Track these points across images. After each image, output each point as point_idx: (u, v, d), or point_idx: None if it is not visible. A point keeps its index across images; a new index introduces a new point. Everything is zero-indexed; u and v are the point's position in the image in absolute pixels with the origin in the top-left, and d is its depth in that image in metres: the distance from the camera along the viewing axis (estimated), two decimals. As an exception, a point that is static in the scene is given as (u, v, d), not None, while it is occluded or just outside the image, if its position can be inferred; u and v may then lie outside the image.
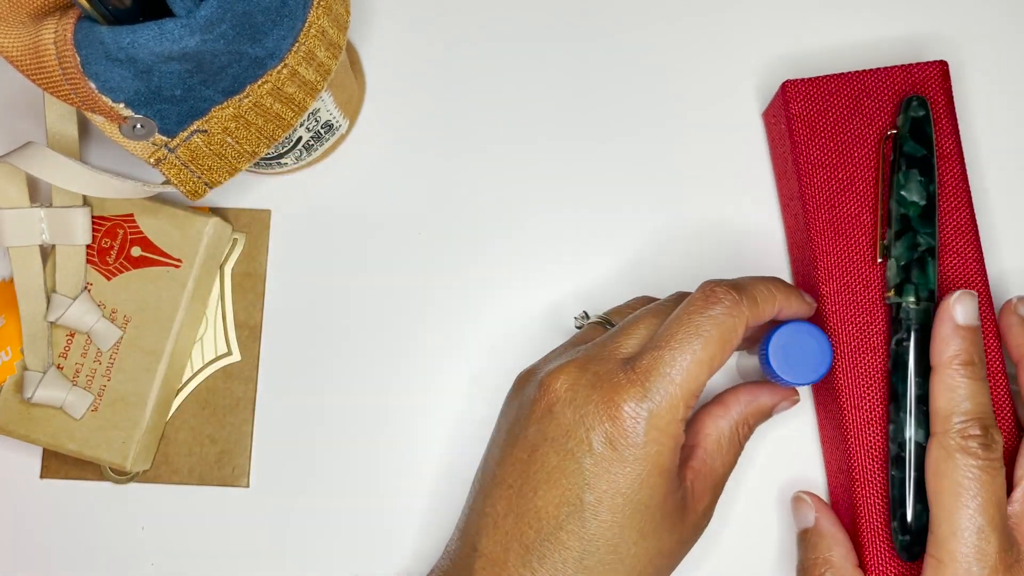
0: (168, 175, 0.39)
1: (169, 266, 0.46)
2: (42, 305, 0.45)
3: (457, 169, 0.49)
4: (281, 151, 0.45)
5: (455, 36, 0.51)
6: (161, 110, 0.37)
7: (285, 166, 0.48)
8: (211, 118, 0.38)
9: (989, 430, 0.38)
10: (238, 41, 0.35)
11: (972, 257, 0.43)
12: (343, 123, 0.48)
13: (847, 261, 0.44)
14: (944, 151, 0.44)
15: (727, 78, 0.50)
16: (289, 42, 0.38)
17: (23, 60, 0.35)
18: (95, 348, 0.45)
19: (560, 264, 0.48)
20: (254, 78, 0.38)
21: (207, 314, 0.48)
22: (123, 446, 0.44)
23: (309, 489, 0.47)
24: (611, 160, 0.49)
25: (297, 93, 0.39)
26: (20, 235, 0.45)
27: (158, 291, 0.45)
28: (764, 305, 0.39)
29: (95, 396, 0.45)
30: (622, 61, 0.50)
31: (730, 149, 0.49)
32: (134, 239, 0.46)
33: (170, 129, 0.38)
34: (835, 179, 0.44)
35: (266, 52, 0.37)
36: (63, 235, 0.45)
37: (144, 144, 0.38)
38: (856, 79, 0.45)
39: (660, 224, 0.49)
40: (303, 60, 0.38)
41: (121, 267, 0.46)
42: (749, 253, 0.48)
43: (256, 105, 0.38)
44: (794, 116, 0.45)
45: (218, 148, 0.39)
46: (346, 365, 0.48)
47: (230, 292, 0.48)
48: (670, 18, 0.50)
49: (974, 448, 0.38)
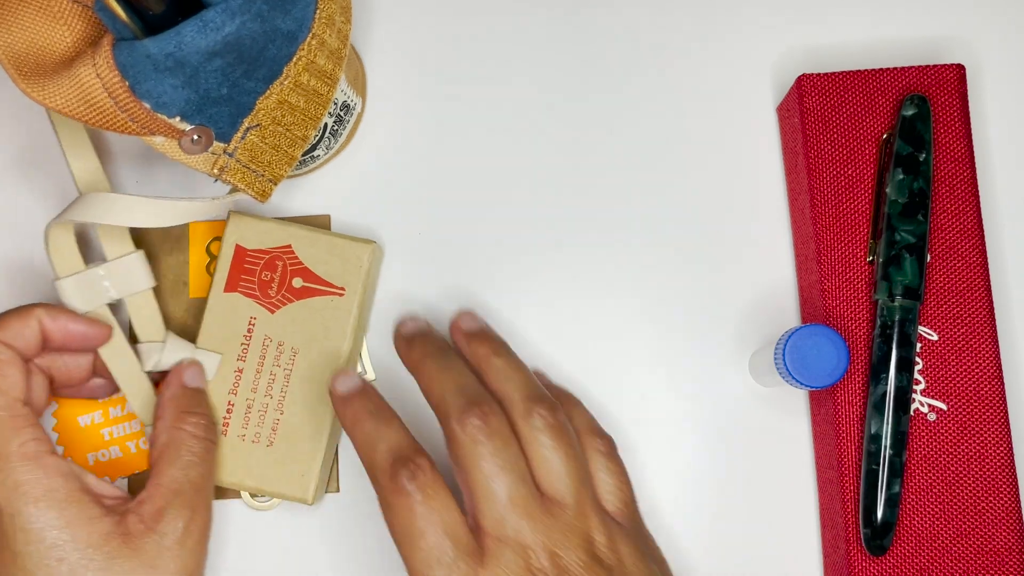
0: (233, 181, 0.39)
1: (333, 295, 0.45)
2: (132, 359, 0.44)
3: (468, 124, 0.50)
4: (314, 142, 0.46)
5: (448, 8, 0.51)
6: (213, 115, 0.37)
7: (318, 159, 0.48)
8: (259, 111, 0.38)
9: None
10: (272, 16, 0.36)
11: (976, 261, 0.43)
12: (357, 101, 0.48)
13: (849, 258, 0.44)
14: (956, 154, 0.44)
15: (745, 71, 0.50)
16: (312, 8, 0.38)
17: (73, 107, 0.35)
18: (266, 382, 0.44)
19: (565, 250, 0.49)
20: (289, 56, 0.38)
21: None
22: (303, 479, 0.44)
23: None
24: (621, 148, 0.50)
25: (327, 64, 0.40)
26: (88, 300, 0.43)
27: (324, 321, 0.45)
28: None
29: (270, 431, 0.44)
30: (636, 50, 0.50)
31: (744, 142, 0.49)
32: (294, 270, 0.45)
33: (225, 133, 0.38)
34: (843, 176, 0.45)
35: (296, 23, 0.37)
36: (127, 286, 0.44)
37: (205, 156, 0.38)
38: (871, 77, 0.45)
39: (670, 212, 0.49)
40: (326, 26, 0.39)
41: (284, 299, 0.45)
42: (755, 246, 0.48)
43: (296, 85, 0.39)
44: (807, 110, 0.45)
45: (272, 140, 0.39)
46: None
47: None
48: (689, 7, 0.51)
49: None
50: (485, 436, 0.37)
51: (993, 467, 0.42)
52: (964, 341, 0.43)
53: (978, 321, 0.43)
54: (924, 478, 0.42)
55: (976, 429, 0.42)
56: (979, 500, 0.42)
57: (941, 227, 0.44)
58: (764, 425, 0.47)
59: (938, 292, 0.43)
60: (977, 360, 0.43)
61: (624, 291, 0.48)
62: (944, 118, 0.45)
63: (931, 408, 0.43)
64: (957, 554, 0.42)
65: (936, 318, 0.43)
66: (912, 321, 0.42)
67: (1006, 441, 0.42)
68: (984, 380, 0.43)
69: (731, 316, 0.48)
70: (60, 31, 0.36)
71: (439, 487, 0.37)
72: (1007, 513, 0.42)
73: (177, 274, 0.48)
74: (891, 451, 0.41)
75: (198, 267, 0.48)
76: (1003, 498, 0.42)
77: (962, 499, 0.42)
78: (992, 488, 0.42)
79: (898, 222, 0.43)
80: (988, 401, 0.43)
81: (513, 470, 0.37)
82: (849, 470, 0.42)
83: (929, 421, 0.43)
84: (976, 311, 0.43)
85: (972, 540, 0.42)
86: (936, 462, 0.42)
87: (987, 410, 0.42)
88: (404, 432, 0.38)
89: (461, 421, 0.37)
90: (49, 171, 0.49)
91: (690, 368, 0.47)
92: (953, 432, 0.42)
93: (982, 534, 0.42)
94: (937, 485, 0.42)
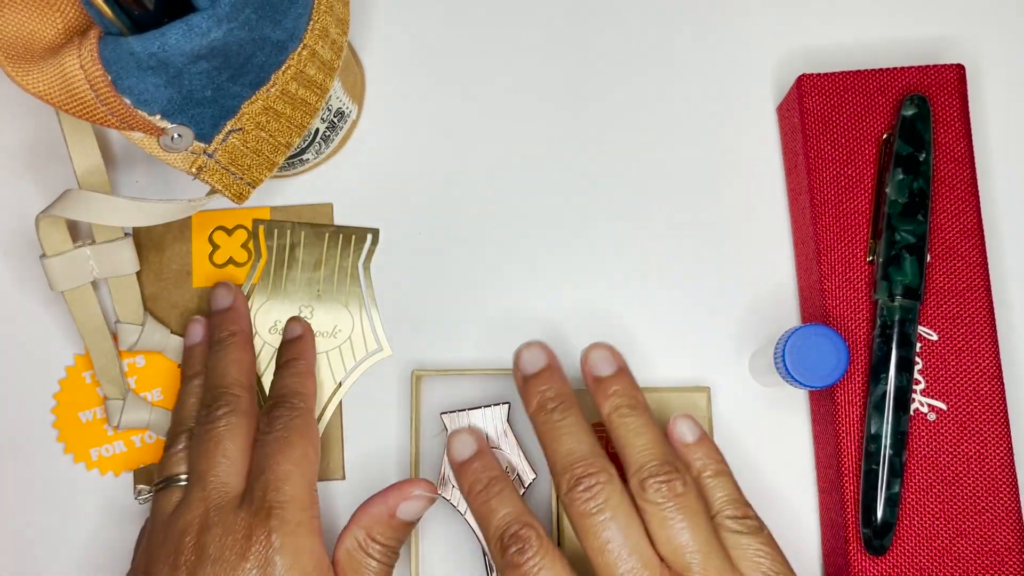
0: (211, 182, 0.40)
1: None
2: (107, 338, 0.46)
3: (470, 130, 0.50)
4: (303, 145, 0.46)
5: (451, 11, 0.51)
6: (195, 115, 0.37)
7: (307, 162, 0.48)
8: (243, 115, 0.39)
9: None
10: (261, 25, 0.36)
11: (976, 261, 0.43)
12: (352, 109, 0.48)
13: (849, 258, 0.44)
14: (956, 155, 0.44)
15: (745, 71, 0.50)
16: (305, 20, 0.38)
17: (53, 95, 0.35)
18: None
19: (565, 250, 0.49)
20: (277, 65, 0.38)
21: (352, 313, 0.48)
22: None
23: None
24: (621, 148, 0.50)
25: (317, 75, 0.40)
26: (71, 277, 0.44)
27: None
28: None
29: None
30: (636, 51, 0.50)
31: (744, 142, 0.49)
32: None
33: (206, 134, 0.38)
34: (843, 175, 0.45)
35: (286, 34, 0.37)
36: (112, 268, 0.46)
37: (184, 155, 0.39)
38: (872, 77, 0.45)
39: (670, 212, 0.49)
40: (319, 38, 0.39)
41: None
42: (755, 246, 0.48)
43: (283, 93, 0.39)
44: (807, 110, 0.45)
45: (254, 144, 0.39)
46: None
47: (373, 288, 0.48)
48: (689, 8, 0.51)
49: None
50: (596, 508, 0.36)
51: (993, 467, 0.42)
52: (964, 341, 0.43)
53: (978, 321, 0.43)
54: (924, 478, 0.42)
55: (976, 429, 0.42)
56: (979, 500, 0.42)
57: (941, 227, 0.44)
58: (764, 425, 0.47)
59: (938, 292, 0.43)
60: (977, 360, 0.43)
61: (624, 290, 0.48)
62: (944, 118, 0.45)
63: (931, 408, 0.43)
64: (957, 554, 0.42)
65: (936, 318, 0.43)
66: (912, 321, 0.42)
67: (1006, 441, 0.42)
68: (984, 380, 0.43)
69: (731, 316, 0.48)
70: (52, 17, 0.36)
71: (549, 559, 0.36)
72: (1007, 513, 0.42)
73: (181, 264, 0.48)
74: (891, 451, 0.41)
75: (201, 257, 0.48)
76: (1003, 498, 0.42)
77: (962, 499, 0.42)
78: (992, 488, 0.42)
79: (898, 222, 0.43)
80: (988, 401, 0.43)
81: (625, 544, 0.36)
82: (849, 470, 0.42)
83: (929, 421, 0.43)
84: (976, 311, 0.43)
85: (972, 540, 0.42)
86: (936, 462, 0.42)
87: (987, 410, 0.42)
88: (513, 502, 0.38)
89: (571, 493, 0.37)
90: (56, 164, 0.50)
91: (690, 368, 0.47)
92: (953, 432, 0.42)
93: (982, 534, 0.42)
94: (937, 485, 0.42)
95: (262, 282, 0.48)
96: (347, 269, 0.48)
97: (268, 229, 0.48)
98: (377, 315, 0.48)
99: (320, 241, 0.48)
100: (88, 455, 0.47)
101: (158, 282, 0.48)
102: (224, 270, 0.48)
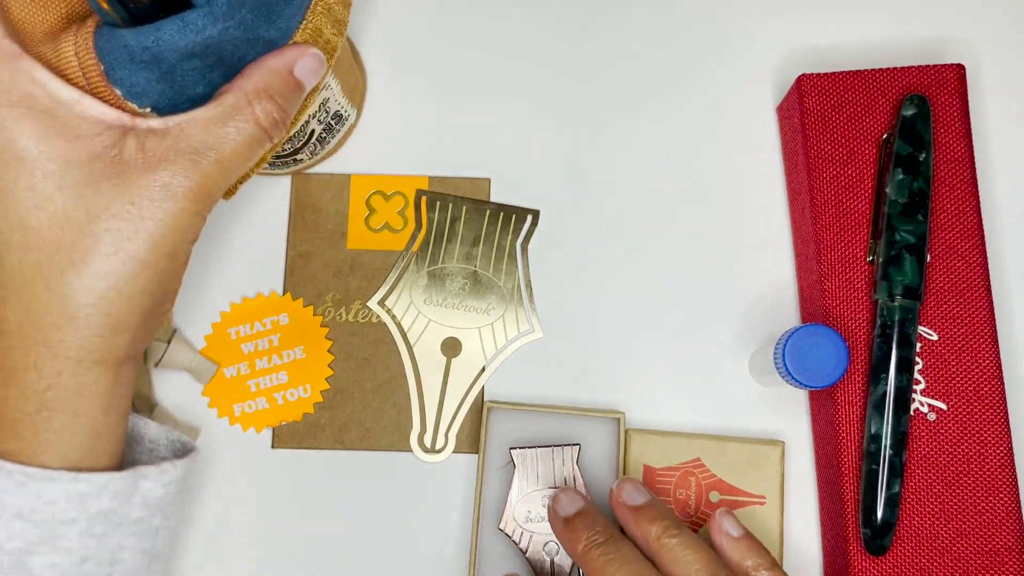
0: None
1: (754, 504, 0.45)
2: None
3: (469, 133, 0.50)
4: (296, 145, 0.46)
5: (455, 18, 0.51)
6: (186, 111, 0.37)
7: (301, 162, 0.48)
8: None
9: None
10: (256, 25, 0.36)
11: (976, 261, 0.43)
12: (351, 112, 0.48)
13: (849, 258, 0.44)
14: (956, 155, 0.44)
15: (745, 71, 0.50)
16: (298, 21, 0.38)
17: None
18: None
19: (564, 250, 0.49)
20: None
21: (506, 291, 0.48)
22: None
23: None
24: (621, 148, 0.50)
25: None
26: None
27: (753, 530, 0.45)
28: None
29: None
30: (636, 51, 0.50)
31: (744, 142, 0.49)
32: (709, 484, 0.45)
33: None
34: (843, 175, 0.45)
35: (279, 33, 0.37)
36: None
37: None
38: (872, 77, 0.45)
39: (670, 212, 0.49)
40: (310, 38, 0.39)
41: (704, 517, 0.45)
42: (755, 246, 0.48)
43: None
44: (807, 110, 0.45)
45: None
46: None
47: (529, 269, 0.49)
48: (689, 8, 0.51)
49: None
50: None
51: (993, 467, 0.42)
52: (964, 341, 0.43)
53: (978, 321, 0.43)
54: (924, 478, 0.42)
55: (976, 429, 0.42)
56: (979, 500, 0.42)
57: (941, 227, 0.44)
58: (764, 425, 0.47)
59: (938, 292, 0.43)
60: (977, 360, 0.43)
61: (624, 291, 0.48)
62: (944, 118, 0.45)
63: (931, 408, 0.43)
64: (957, 554, 0.42)
65: (936, 318, 0.43)
66: (912, 321, 0.42)
67: (1006, 441, 0.42)
68: (984, 380, 0.43)
69: (731, 316, 0.48)
70: (56, 3, 0.36)
71: None
72: (1007, 513, 0.42)
73: (337, 224, 0.49)
74: (891, 451, 0.41)
75: (357, 219, 0.49)
76: (1003, 498, 0.42)
77: (962, 499, 0.42)
78: (992, 488, 0.42)
79: (898, 222, 0.43)
80: (988, 401, 0.43)
81: None
82: (849, 470, 0.42)
83: (929, 421, 0.43)
84: (976, 311, 0.43)
85: (972, 540, 0.42)
86: (936, 462, 0.42)
87: (987, 410, 0.42)
88: (623, 555, 0.38)
89: None
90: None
91: (690, 368, 0.47)
92: (953, 432, 0.42)
93: (982, 534, 0.42)
94: (937, 485, 0.42)
95: (421, 251, 0.48)
96: (505, 248, 0.48)
97: (431, 200, 0.49)
98: (531, 296, 0.48)
99: (481, 217, 0.49)
100: (232, 410, 0.47)
101: (313, 240, 0.49)
102: (379, 234, 0.49)
